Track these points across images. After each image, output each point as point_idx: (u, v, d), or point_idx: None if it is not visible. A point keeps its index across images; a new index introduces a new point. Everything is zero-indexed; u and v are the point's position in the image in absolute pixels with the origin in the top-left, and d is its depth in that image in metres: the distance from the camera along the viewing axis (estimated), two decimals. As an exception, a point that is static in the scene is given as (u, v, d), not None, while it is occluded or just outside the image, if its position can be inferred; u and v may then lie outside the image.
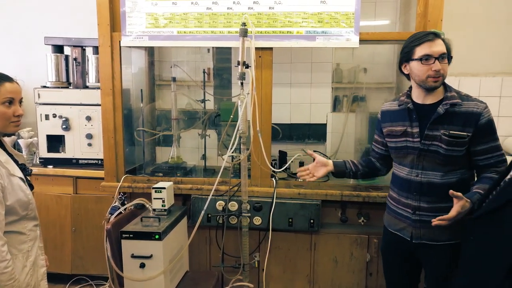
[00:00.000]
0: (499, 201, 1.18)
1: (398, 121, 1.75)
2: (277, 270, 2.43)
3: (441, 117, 1.61)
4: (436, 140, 1.62)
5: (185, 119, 2.73)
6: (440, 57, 1.58)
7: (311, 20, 2.18)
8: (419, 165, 1.68)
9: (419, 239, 1.70)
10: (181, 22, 2.25)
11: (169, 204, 2.20)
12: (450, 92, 1.64)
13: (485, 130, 1.58)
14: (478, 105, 1.59)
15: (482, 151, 1.60)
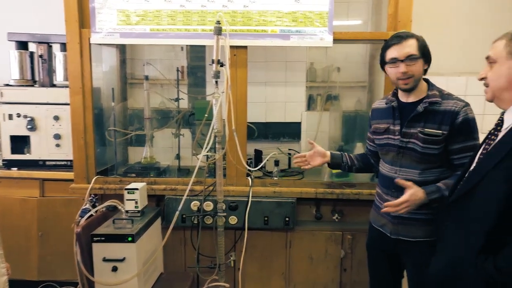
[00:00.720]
0: (469, 185, 1.25)
1: (383, 119, 1.78)
2: (253, 268, 2.43)
3: (419, 115, 1.63)
4: (413, 138, 1.65)
5: (159, 118, 2.68)
6: (407, 59, 1.60)
7: (286, 19, 2.19)
8: (397, 162, 1.71)
9: (397, 235, 1.74)
10: (154, 19, 2.21)
11: (142, 205, 2.15)
12: (432, 91, 1.66)
13: (461, 129, 1.58)
14: (457, 103, 1.60)
15: (457, 150, 1.61)
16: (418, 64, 1.62)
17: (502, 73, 1.21)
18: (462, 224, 1.28)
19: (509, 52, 1.20)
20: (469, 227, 1.24)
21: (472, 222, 1.24)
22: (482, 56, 2.73)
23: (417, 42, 1.63)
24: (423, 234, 1.69)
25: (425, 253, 1.69)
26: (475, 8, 2.68)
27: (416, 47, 1.62)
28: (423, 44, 1.64)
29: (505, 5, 2.66)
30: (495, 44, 1.25)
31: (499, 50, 1.22)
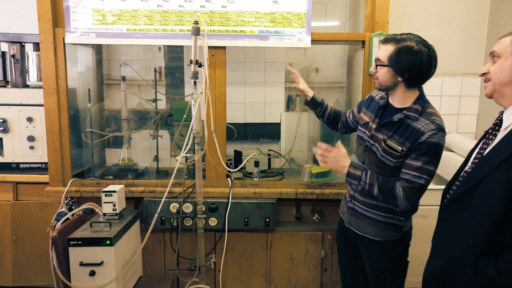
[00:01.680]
0: (467, 185, 1.24)
1: (370, 112, 1.78)
2: (234, 270, 2.42)
3: (393, 124, 1.61)
4: (377, 142, 1.66)
5: (136, 119, 2.64)
6: (376, 61, 1.64)
7: (264, 20, 2.19)
8: (362, 158, 1.75)
9: (349, 225, 1.82)
10: (130, 19, 2.17)
11: (120, 208, 2.11)
12: (415, 105, 1.59)
13: (418, 148, 1.52)
14: (429, 125, 1.52)
15: (405, 164, 1.56)
16: (381, 70, 1.60)
17: (505, 68, 1.21)
18: (460, 225, 1.27)
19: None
20: (468, 228, 1.23)
21: (471, 223, 1.22)
22: (457, 57, 2.81)
23: (394, 50, 1.55)
24: (371, 232, 1.72)
25: (373, 251, 1.76)
26: (448, 10, 2.74)
27: (388, 54, 1.57)
28: (399, 54, 1.54)
29: (475, 7, 2.73)
30: (501, 40, 1.24)
31: (505, 45, 1.22)
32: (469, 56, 2.77)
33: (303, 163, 2.66)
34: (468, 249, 1.22)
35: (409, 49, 1.53)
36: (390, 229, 1.71)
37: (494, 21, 2.63)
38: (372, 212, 1.72)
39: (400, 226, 1.71)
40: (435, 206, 1.46)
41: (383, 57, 1.59)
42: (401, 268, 1.78)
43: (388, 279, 1.78)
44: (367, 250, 1.79)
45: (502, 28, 2.50)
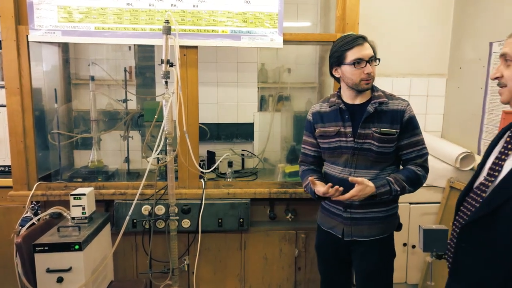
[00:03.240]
0: (492, 205, 1.12)
1: (331, 122, 1.76)
2: (208, 271, 2.40)
3: (371, 116, 1.67)
4: (368, 138, 1.67)
5: (106, 120, 2.58)
6: (370, 60, 1.65)
7: (236, 20, 2.19)
8: (352, 164, 1.71)
9: (350, 237, 1.75)
10: (98, 17, 2.12)
11: (90, 211, 2.05)
12: (377, 92, 1.72)
13: (408, 126, 1.67)
14: (402, 103, 1.69)
15: (405, 145, 1.69)
16: (375, 66, 1.69)
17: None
18: (485, 247, 1.15)
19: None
20: (495, 250, 1.11)
21: (498, 245, 1.10)
22: (424, 58, 2.89)
23: (370, 45, 1.69)
24: (375, 232, 1.73)
25: (375, 250, 1.75)
26: (415, 13, 2.82)
27: (372, 50, 1.68)
28: (374, 47, 1.70)
29: (440, 9, 2.83)
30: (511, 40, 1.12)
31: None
32: (435, 57, 2.86)
33: (277, 163, 2.68)
34: (496, 274, 1.11)
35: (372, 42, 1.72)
36: (392, 220, 1.77)
37: (458, 23, 2.73)
38: (372, 212, 1.72)
39: (396, 212, 1.80)
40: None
41: (373, 52, 1.68)
42: (392, 262, 1.82)
43: (384, 275, 1.79)
44: (368, 253, 1.75)
45: (466, 30, 2.60)
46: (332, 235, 1.82)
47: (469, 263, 1.19)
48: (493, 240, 1.12)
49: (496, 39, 2.29)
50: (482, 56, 2.40)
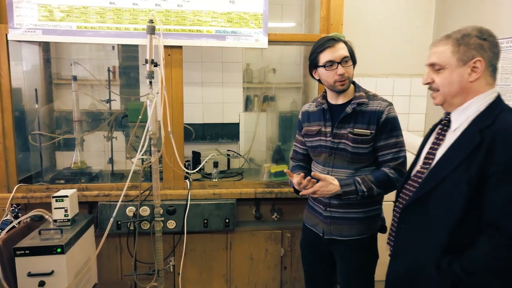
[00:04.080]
0: (426, 188, 1.25)
1: (315, 121, 1.79)
2: (193, 272, 2.39)
3: (348, 116, 1.68)
4: (343, 138, 1.69)
5: (89, 120, 2.54)
6: (343, 61, 1.64)
7: (221, 20, 2.18)
8: (330, 163, 1.73)
9: (330, 235, 1.76)
10: (80, 16, 2.08)
11: (73, 213, 2.02)
12: (359, 92, 1.71)
13: (385, 127, 1.65)
14: (381, 103, 1.67)
15: (381, 147, 1.67)
16: (351, 65, 1.68)
17: (454, 80, 1.20)
18: (421, 227, 1.26)
19: (459, 58, 1.19)
20: (430, 230, 1.23)
21: (432, 225, 1.22)
22: (406, 59, 2.93)
23: (346, 45, 1.68)
24: (355, 232, 1.74)
25: (356, 251, 1.76)
26: (398, 14, 2.86)
27: (346, 50, 1.67)
28: (350, 47, 1.70)
29: (422, 10, 2.87)
30: (439, 50, 1.22)
31: (446, 56, 1.20)
32: (417, 57, 2.91)
33: (262, 163, 2.68)
34: (430, 250, 1.22)
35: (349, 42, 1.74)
36: (373, 221, 1.76)
37: (439, 24, 2.78)
38: (352, 212, 1.72)
39: (379, 214, 1.79)
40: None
41: (347, 53, 1.67)
42: (374, 264, 1.82)
43: (364, 277, 1.80)
44: (348, 251, 1.77)
45: (447, 31, 2.65)
46: (314, 232, 1.84)
47: (408, 243, 1.31)
48: (427, 220, 1.24)
49: (476, 41, 2.34)
50: (463, 57, 2.45)
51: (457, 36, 1.20)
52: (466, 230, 1.17)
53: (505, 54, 2.10)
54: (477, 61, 1.18)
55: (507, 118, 1.15)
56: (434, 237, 1.21)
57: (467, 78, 1.19)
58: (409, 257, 1.30)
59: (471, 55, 1.18)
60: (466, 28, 1.21)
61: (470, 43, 1.18)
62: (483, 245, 1.13)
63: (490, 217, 1.12)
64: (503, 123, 1.14)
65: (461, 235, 1.17)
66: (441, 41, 1.23)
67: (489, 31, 1.22)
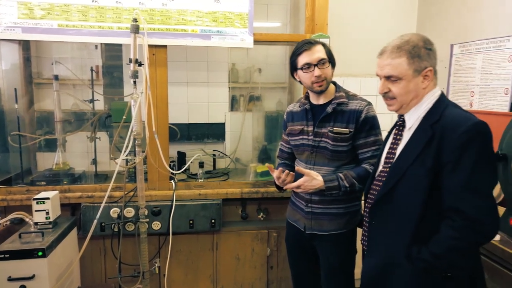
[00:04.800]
0: (389, 185, 1.32)
1: (298, 121, 1.85)
2: (179, 273, 2.37)
3: (329, 116, 1.73)
4: (324, 137, 1.74)
5: (71, 121, 2.49)
6: (320, 63, 1.69)
7: (206, 19, 2.17)
8: (312, 161, 1.78)
9: (311, 230, 1.81)
10: (62, 14, 2.04)
11: (54, 215, 1.98)
12: (339, 92, 1.76)
13: (364, 126, 1.71)
14: (360, 103, 1.73)
15: (361, 145, 1.73)
16: (328, 67, 1.72)
17: (410, 89, 1.29)
18: (389, 222, 1.34)
19: (415, 70, 1.27)
20: (397, 223, 1.30)
21: (399, 217, 1.30)
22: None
23: (324, 48, 1.73)
24: (335, 227, 1.78)
25: (336, 245, 1.81)
26: (380, 14, 2.90)
27: (324, 52, 1.72)
28: (328, 49, 1.75)
29: (404, 11, 2.91)
30: (394, 63, 1.28)
31: (404, 69, 1.27)
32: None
33: (248, 163, 2.67)
34: (399, 241, 1.29)
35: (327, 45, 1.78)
36: (353, 217, 1.80)
37: (421, 25, 2.82)
38: (332, 208, 1.76)
39: (358, 210, 1.83)
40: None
41: (324, 55, 1.71)
42: (354, 258, 1.87)
43: (344, 270, 1.84)
44: (329, 246, 1.81)
45: (429, 32, 2.69)
46: (296, 228, 1.88)
47: (379, 238, 1.38)
48: (394, 214, 1.32)
49: (456, 42, 2.39)
50: (444, 57, 2.50)
51: (408, 48, 1.27)
52: (430, 219, 1.25)
53: (484, 54, 2.14)
54: (428, 71, 1.28)
55: (452, 112, 1.26)
56: (402, 229, 1.29)
57: (421, 86, 1.29)
58: (381, 252, 1.36)
59: (423, 66, 1.28)
60: (410, 38, 1.29)
61: (421, 54, 1.27)
62: (446, 228, 1.21)
63: (449, 203, 1.20)
64: (449, 117, 1.24)
65: (427, 224, 1.25)
66: (393, 53, 1.29)
67: (429, 40, 1.31)
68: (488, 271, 1.55)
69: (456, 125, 1.20)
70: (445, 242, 1.19)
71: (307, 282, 1.97)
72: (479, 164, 1.17)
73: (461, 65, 2.34)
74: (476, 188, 1.17)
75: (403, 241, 1.28)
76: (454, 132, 1.19)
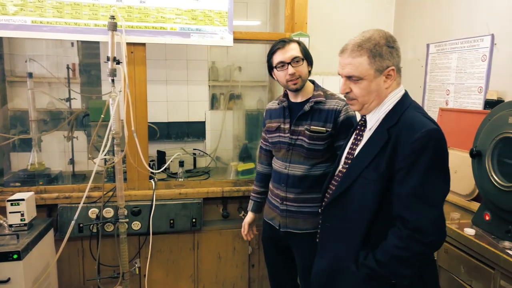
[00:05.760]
0: (343, 186, 1.29)
1: (275, 118, 1.85)
2: (160, 273, 2.35)
3: (306, 114, 1.73)
4: (300, 135, 1.74)
5: (47, 120, 2.43)
6: (293, 61, 1.69)
7: (185, 17, 2.15)
8: (288, 159, 1.78)
9: (285, 228, 1.80)
10: (35, 10, 1.99)
11: (30, 217, 1.93)
12: (317, 91, 1.77)
13: (344, 126, 1.69)
14: (338, 102, 1.72)
15: (340, 146, 1.70)
16: (303, 65, 1.72)
17: (372, 89, 1.24)
18: (340, 224, 1.31)
19: (376, 69, 1.22)
20: (348, 226, 1.28)
21: (350, 221, 1.27)
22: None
23: (299, 46, 1.73)
24: (310, 226, 1.77)
25: (311, 244, 1.77)
26: (360, 13, 2.93)
27: (299, 50, 1.71)
28: (304, 47, 1.74)
29: (383, 10, 2.96)
30: (355, 62, 1.23)
31: (364, 69, 1.22)
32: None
33: (229, 161, 2.67)
34: (349, 245, 1.26)
35: (303, 43, 1.77)
36: None
37: (398, 24, 2.87)
38: (307, 206, 1.76)
39: None
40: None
41: (298, 53, 1.71)
42: None
43: None
44: (303, 245, 1.80)
45: (406, 32, 2.75)
46: (272, 226, 1.88)
47: (330, 240, 1.36)
48: (346, 217, 1.29)
49: (432, 41, 2.44)
50: (421, 56, 2.55)
51: (370, 46, 1.21)
52: (382, 225, 1.21)
53: (459, 54, 2.20)
54: (391, 70, 1.23)
55: (410, 116, 1.21)
56: (352, 233, 1.26)
57: (383, 86, 1.24)
58: (331, 254, 1.34)
59: (385, 65, 1.22)
60: (372, 35, 1.23)
61: (383, 53, 1.21)
62: (391, 236, 1.18)
63: (396, 210, 1.18)
64: (405, 122, 1.20)
65: (379, 230, 1.22)
66: (354, 51, 1.23)
67: (392, 36, 1.25)
68: (464, 265, 1.60)
69: (411, 131, 1.16)
70: (389, 251, 1.17)
71: (284, 280, 1.98)
72: (430, 173, 1.14)
73: (437, 64, 2.40)
74: (424, 197, 1.14)
75: (353, 245, 1.25)
76: (408, 138, 1.15)
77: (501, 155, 1.57)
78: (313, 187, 1.73)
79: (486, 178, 1.60)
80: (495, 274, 1.45)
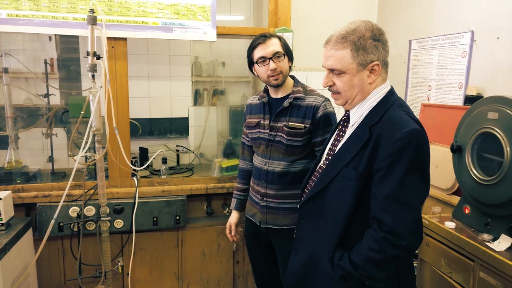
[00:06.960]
0: (323, 183, 1.25)
1: (255, 114, 1.84)
2: (144, 272, 2.32)
3: (285, 110, 1.73)
4: (279, 131, 1.74)
5: (24, 116, 2.36)
6: (274, 56, 1.68)
7: (167, 11, 2.11)
8: (267, 155, 1.78)
9: (266, 224, 1.80)
10: (11, 3, 1.92)
11: (7, 217, 1.88)
12: (297, 87, 1.76)
13: (321, 123, 1.69)
14: (317, 99, 1.71)
15: (319, 142, 1.71)
16: (284, 60, 1.71)
17: (355, 84, 1.19)
18: (317, 222, 1.28)
19: (359, 63, 1.17)
20: (324, 224, 1.25)
21: (327, 219, 1.24)
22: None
23: (280, 41, 1.71)
24: (290, 222, 1.77)
25: (291, 240, 1.80)
26: (343, 8, 2.94)
27: (280, 45, 1.70)
28: (285, 43, 1.73)
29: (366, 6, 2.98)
30: (338, 55, 1.18)
31: (347, 62, 1.17)
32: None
33: (213, 158, 2.65)
34: (325, 244, 1.24)
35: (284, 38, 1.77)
36: None
37: (381, 20, 2.90)
38: (287, 202, 1.76)
39: None
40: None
41: (279, 48, 1.70)
42: None
43: None
44: (284, 242, 1.80)
45: (388, 27, 2.77)
46: (253, 222, 1.88)
47: (306, 238, 1.33)
48: (323, 215, 1.26)
49: (414, 37, 2.47)
50: (403, 52, 2.58)
51: (353, 39, 1.16)
52: (360, 225, 1.19)
53: (440, 50, 2.23)
54: (375, 65, 1.18)
55: (392, 114, 1.17)
56: (328, 232, 1.23)
57: (366, 81, 1.19)
58: (307, 253, 1.31)
59: (369, 59, 1.17)
60: (358, 27, 1.18)
61: (367, 46, 1.16)
62: (367, 238, 1.16)
63: (373, 211, 1.15)
64: (387, 120, 1.16)
65: (356, 230, 1.19)
66: (337, 43, 1.18)
67: (380, 29, 1.20)
68: (445, 257, 1.63)
69: (392, 130, 1.12)
70: (364, 253, 1.14)
71: (267, 276, 1.98)
72: (409, 174, 1.10)
73: (419, 60, 2.43)
74: (401, 200, 1.11)
75: (329, 245, 1.22)
76: (389, 137, 1.12)
77: (481, 150, 1.60)
78: (293, 183, 1.73)
79: (466, 172, 1.63)
80: (474, 266, 1.48)
